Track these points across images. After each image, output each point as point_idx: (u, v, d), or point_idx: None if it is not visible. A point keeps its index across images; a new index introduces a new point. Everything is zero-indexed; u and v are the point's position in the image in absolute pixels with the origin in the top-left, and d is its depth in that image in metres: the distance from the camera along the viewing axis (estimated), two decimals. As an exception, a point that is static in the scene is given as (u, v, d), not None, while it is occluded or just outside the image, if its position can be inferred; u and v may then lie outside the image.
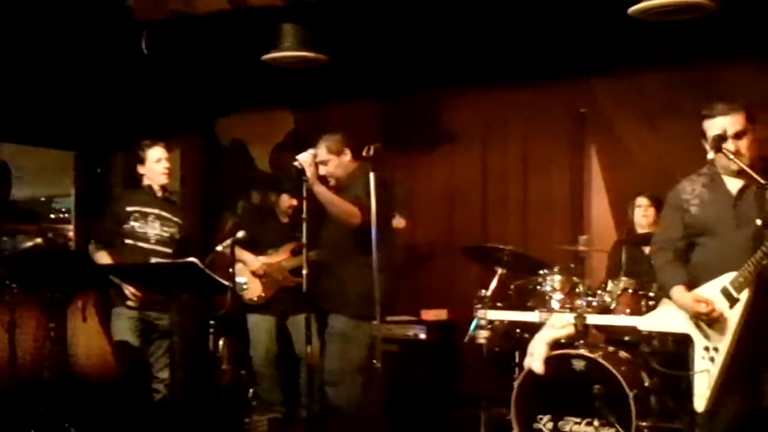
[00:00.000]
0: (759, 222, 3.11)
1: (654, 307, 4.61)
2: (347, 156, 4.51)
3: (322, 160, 4.45)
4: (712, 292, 3.32)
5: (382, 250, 3.88)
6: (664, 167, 5.57)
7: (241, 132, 6.96)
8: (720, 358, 3.28)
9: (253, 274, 5.47)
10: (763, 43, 5.09)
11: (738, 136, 3.30)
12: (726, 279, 3.26)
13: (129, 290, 4.63)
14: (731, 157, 3.20)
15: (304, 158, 4.29)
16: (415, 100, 6.34)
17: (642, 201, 5.25)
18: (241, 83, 6.20)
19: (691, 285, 3.42)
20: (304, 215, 4.16)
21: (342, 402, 4.40)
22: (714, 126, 3.32)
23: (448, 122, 6.34)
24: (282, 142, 6.77)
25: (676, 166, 5.51)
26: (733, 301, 3.22)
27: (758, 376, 3.29)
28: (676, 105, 5.52)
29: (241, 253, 5.26)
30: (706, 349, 3.35)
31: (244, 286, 5.44)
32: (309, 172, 4.24)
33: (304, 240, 4.15)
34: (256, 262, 5.47)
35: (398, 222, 4.92)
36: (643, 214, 5.22)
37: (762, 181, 3.14)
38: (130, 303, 4.70)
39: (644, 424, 4.33)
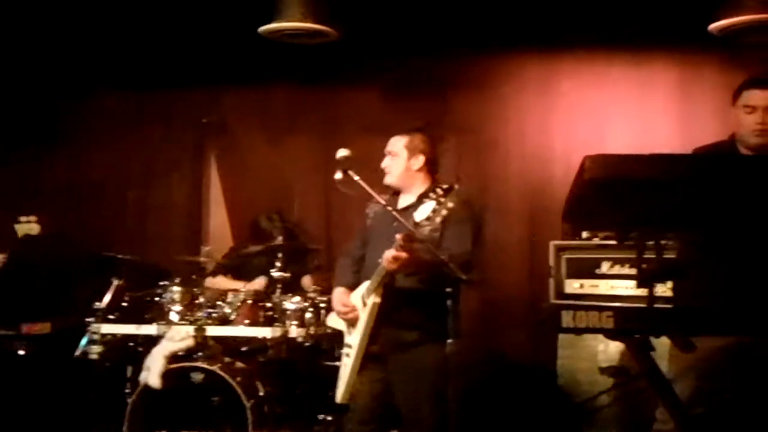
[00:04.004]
0: (398, 235, 3.32)
1: (271, 318, 4.77)
2: None
3: None
4: (358, 294, 3.60)
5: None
6: (283, 182, 5.80)
7: None
8: (353, 353, 3.56)
9: None
10: (381, 70, 5.56)
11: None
12: (366, 285, 3.54)
13: None
14: (356, 178, 3.41)
15: None
16: (36, 94, 5.83)
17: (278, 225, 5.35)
18: None
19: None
20: None
21: None
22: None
23: (69, 120, 5.93)
24: None
25: (294, 181, 5.81)
26: (364, 305, 3.52)
27: (385, 372, 3.56)
28: (298, 123, 5.79)
29: None
30: (347, 345, 3.64)
31: None
32: None
33: None
34: None
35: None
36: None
37: (382, 201, 3.41)
38: None
39: (259, 433, 4.43)
